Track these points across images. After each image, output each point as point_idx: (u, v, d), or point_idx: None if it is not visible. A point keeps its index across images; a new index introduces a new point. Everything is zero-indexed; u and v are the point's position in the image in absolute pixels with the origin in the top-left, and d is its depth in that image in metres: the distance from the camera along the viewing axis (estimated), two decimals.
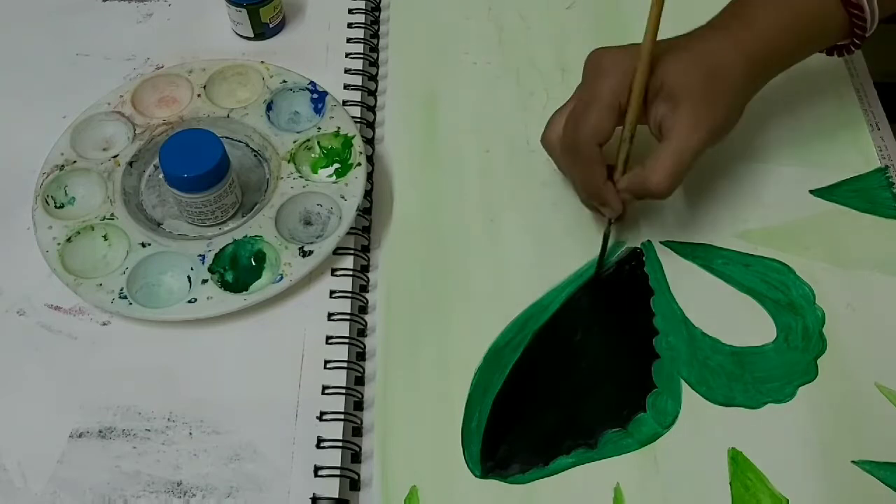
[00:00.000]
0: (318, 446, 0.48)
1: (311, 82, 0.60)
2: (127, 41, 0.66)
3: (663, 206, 0.54)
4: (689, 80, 0.49)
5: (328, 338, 0.51)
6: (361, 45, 0.65)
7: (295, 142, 0.58)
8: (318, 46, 0.65)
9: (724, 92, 0.49)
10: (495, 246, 0.56)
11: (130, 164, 0.57)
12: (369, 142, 0.61)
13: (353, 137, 0.58)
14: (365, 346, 0.53)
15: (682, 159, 0.49)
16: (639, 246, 0.56)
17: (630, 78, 0.49)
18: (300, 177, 0.56)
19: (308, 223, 0.56)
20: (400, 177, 0.60)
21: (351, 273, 0.54)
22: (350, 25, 0.66)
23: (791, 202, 0.57)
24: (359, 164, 0.56)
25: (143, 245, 0.53)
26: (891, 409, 0.50)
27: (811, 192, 0.58)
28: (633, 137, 0.51)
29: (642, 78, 0.49)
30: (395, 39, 0.67)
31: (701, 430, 0.49)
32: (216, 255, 0.53)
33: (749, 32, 0.50)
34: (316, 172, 0.58)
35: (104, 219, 0.54)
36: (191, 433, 0.49)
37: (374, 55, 0.66)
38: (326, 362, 0.51)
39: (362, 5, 0.67)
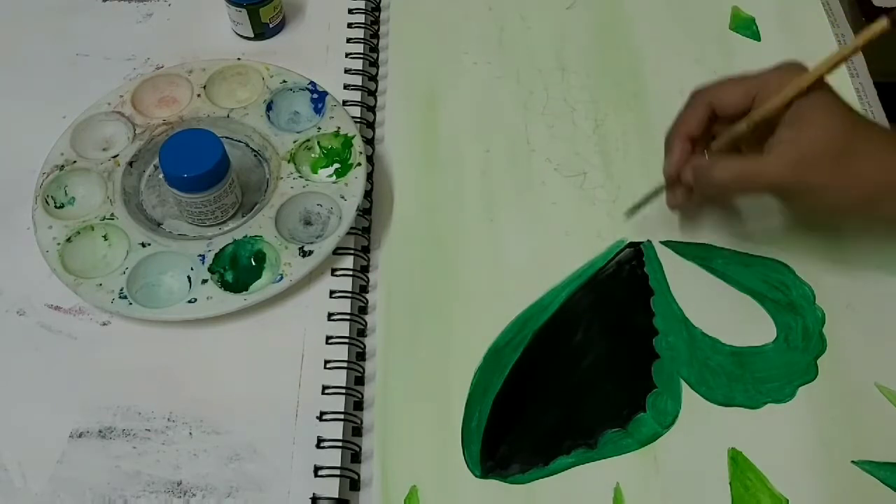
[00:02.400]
0: (318, 446, 0.48)
1: (311, 82, 0.60)
2: (127, 41, 0.66)
3: (663, 206, 0.54)
4: (826, 136, 0.47)
5: (328, 338, 0.51)
6: (361, 45, 0.65)
7: (295, 142, 0.58)
8: (318, 46, 0.65)
9: (839, 171, 0.47)
10: (495, 246, 0.56)
11: (130, 164, 0.57)
12: (369, 142, 0.61)
13: (353, 137, 0.58)
14: (365, 346, 0.53)
15: (755, 179, 0.48)
16: (639, 246, 0.56)
17: (786, 86, 0.47)
18: (300, 177, 0.56)
19: (308, 223, 0.56)
20: (400, 177, 0.60)
21: (351, 273, 0.54)
22: (350, 25, 0.66)
23: None
24: (359, 164, 0.56)
25: (143, 245, 0.53)
26: (891, 409, 0.50)
27: None
28: (751, 130, 0.49)
29: (794, 90, 0.47)
30: (395, 39, 0.67)
31: (701, 430, 0.49)
32: (216, 255, 0.53)
33: None
34: (316, 172, 0.58)
35: (104, 219, 0.54)
36: (191, 433, 0.49)
37: (374, 55, 0.66)
38: (326, 362, 0.51)
39: (362, 5, 0.67)
